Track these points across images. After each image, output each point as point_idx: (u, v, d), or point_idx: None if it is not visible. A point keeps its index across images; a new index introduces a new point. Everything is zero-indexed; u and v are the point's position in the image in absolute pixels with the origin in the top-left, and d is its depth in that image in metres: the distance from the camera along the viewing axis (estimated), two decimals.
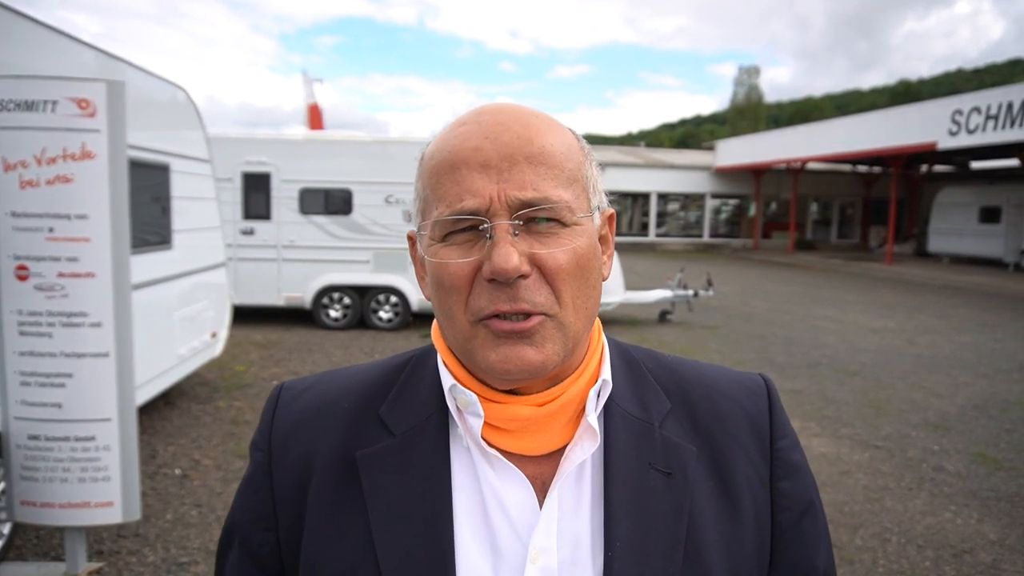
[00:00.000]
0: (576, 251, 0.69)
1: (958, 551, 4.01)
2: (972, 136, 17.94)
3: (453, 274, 0.69)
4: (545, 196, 0.68)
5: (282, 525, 0.79)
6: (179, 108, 6.06)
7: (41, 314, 3.09)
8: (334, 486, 0.76)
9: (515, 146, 0.68)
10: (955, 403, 7.04)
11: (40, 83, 3.05)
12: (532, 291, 0.67)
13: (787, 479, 0.80)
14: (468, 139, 0.69)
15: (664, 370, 0.84)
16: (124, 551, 3.79)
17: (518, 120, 0.70)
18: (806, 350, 9.48)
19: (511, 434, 0.74)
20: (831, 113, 58.62)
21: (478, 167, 0.68)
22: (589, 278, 0.71)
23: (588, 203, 0.73)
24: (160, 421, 5.91)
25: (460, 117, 0.74)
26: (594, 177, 0.76)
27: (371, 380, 0.83)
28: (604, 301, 10.61)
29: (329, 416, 0.80)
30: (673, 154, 37.95)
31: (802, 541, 0.80)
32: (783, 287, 17.04)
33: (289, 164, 10.05)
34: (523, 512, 0.72)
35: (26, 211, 3.05)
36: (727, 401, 0.82)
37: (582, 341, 0.74)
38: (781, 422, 0.83)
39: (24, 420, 3.16)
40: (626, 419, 0.77)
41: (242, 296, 10.00)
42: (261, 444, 0.82)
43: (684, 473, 0.75)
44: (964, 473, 5.18)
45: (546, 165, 0.69)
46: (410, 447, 0.76)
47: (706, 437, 0.79)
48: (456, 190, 0.68)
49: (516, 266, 0.65)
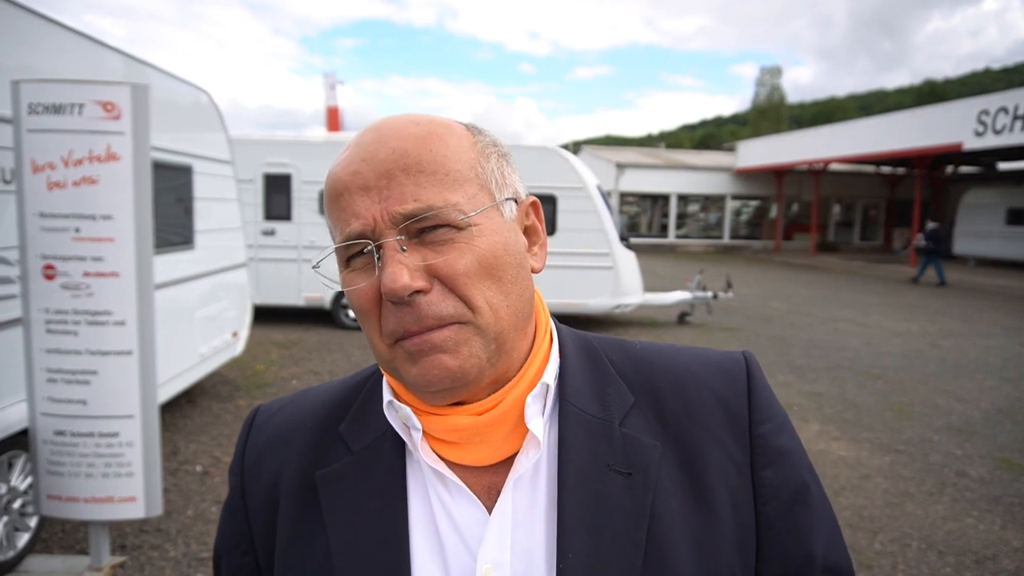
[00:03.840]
0: (477, 252, 0.67)
1: (980, 558, 3.95)
2: (999, 137, 17.63)
3: (359, 299, 0.68)
4: (427, 204, 0.66)
5: (259, 549, 0.80)
6: (202, 110, 6.14)
7: (67, 312, 3.16)
8: (298, 507, 0.76)
9: (390, 161, 0.67)
10: (979, 407, 6.92)
11: (67, 86, 3.11)
12: (436, 304, 0.65)
13: (770, 467, 0.74)
14: (348, 164, 0.69)
15: (630, 361, 0.79)
16: (146, 546, 3.86)
17: (395, 134, 0.68)
18: (827, 353, 9.38)
19: (457, 446, 0.72)
20: (854, 114, 57.91)
21: (359, 190, 0.67)
22: (503, 276, 0.68)
23: (490, 199, 0.70)
24: (182, 419, 5.99)
25: (351, 139, 0.73)
26: (496, 171, 0.72)
27: (335, 398, 0.82)
28: (623, 303, 10.63)
29: (295, 437, 0.80)
30: (693, 155, 37.72)
31: (794, 529, 0.74)
32: (804, 289, 16.86)
33: (309, 165, 10.15)
34: (472, 525, 0.71)
35: (53, 212, 3.11)
36: (698, 388, 0.76)
37: (514, 341, 0.71)
38: (762, 404, 0.76)
39: (50, 416, 3.23)
40: (582, 419, 0.73)
41: (263, 296, 10.10)
42: (235, 468, 0.83)
43: (646, 472, 0.71)
44: (987, 478, 5.10)
45: (426, 172, 0.67)
46: (367, 464, 0.75)
47: (675, 430, 0.74)
48: (343, 216, 0.68)
49: (406, 284, 0.64)
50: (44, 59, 3.86)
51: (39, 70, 3.68)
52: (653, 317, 12.06)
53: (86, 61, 4.30)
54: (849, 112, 62.19)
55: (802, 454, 0.78)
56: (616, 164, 29.69)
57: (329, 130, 17.28)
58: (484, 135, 0.75)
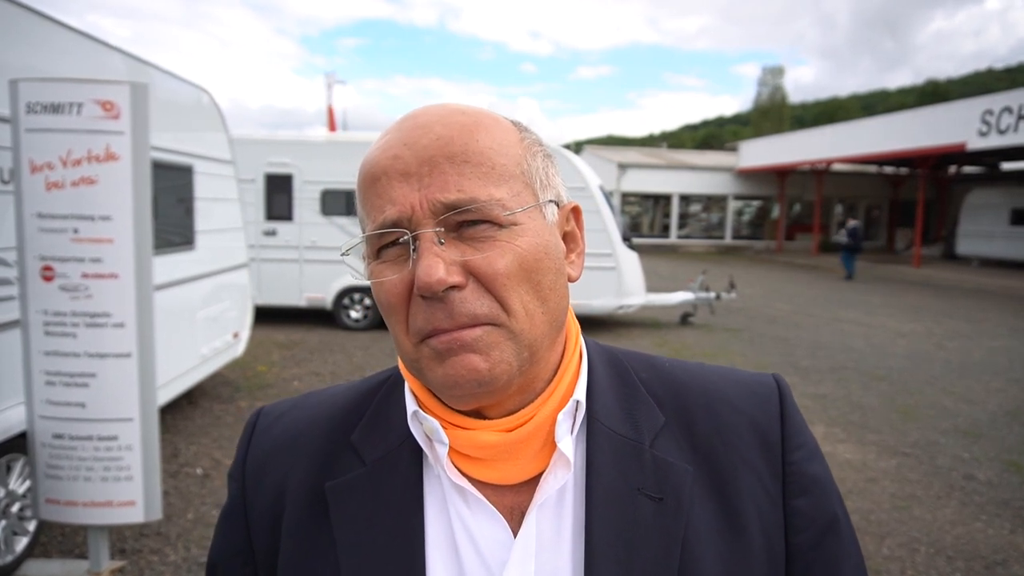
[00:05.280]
0: (518, 253, 0.63)
1: (990, 562, 3.90)
2: (1003, 137, 17.56)
3: (388, 292, 0.65)
4: (472, 196, 0.62)
5: (260, 560, 0.75)
6: (203, 110, 6.12)
7: (65, 314, 3.12)
8: (305, 520, 0.72)
9: (435, 148, 0.63)
10: (986, 409, 6.87)
11: (66, 86, 3.08)
12: (470, 303, 0.62)
13: (803, 496, 0.71)
14: (388, 148, 0.65)
15: (660, 379, 0.76)
16: (146, 550, 3.82)
17: (440, 120, 0.65)
18: (832, 354, 9.33)
19: (482, 462, 0.68)
20: (857, 114, 57.82)
21: (398, 176, 0.63)
22: (542, 281, 0.65)
23: (534, 199, 0.66)
24: (183, 420, 5.96)
25: (389, 126, 0.70)
26: (541, 170, 0.69)
27: (345, 404, 0.78)
28: (626, 304, 10.59)
29: (302, 443, 0.76)
30: (695, 155, 37.67)
31: (825, 562, 0.71)
32: (807, 289, 16.81)
33: (311, 165, 10.12)
34: (495, 548, 0.67)
35: (51, 212, 3.08)
36: (730, 410, 0.73)
37: (545, 351, 0.67)
38: (795, 431, 0.74)
39: (49, 419, 3.19)
40: (611, 439, 0.70)
41: (264, 297, 10.08)
42: (236, 475, 0.78)
43: (678, 497, 0.68)
44: (996, 482, 5.05)
45: (471, 163, 0.63)
46: (381, 477, 0.71)
47: (706, 454, 0.71)
48: (379, 203, 0.64)
49: (441, 278, 0.60)
50: (46, 59, 3.83)
51: (41, 70, 3.65)
52: (656, 318, 12.02)
53: (88, 61, 4.27)
54: (851, 112, 62.10)
55: (832, 483, 0.75)
56: (618, 164, 29.66)
57: (330, 130, 17.29)
58: (530, 132, 0.72)
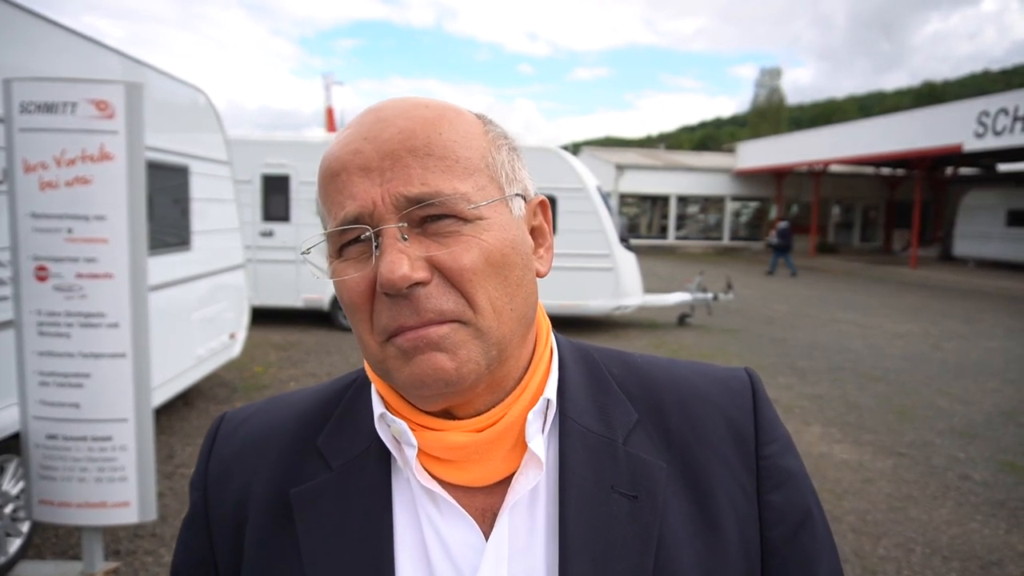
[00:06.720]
0: (484, 247, 0.61)
1: (985, 563, 3.91)
2: (999, 138, 17.61)
3: (351, 291, 0.63)
4: (436, 190, 0.60)
5: (223, 570, 0.73)
6: (199, 111, 6.11)
7: (59, 315, 3.11)
8: (269, 528, 0.70)
9: (397, 141, 0.61)
10: (982, 410, 6.88)
11: (60, 85, 3.07)
12: (435, 299, 0.60)
13: (777, 490, 0.71)
14: (349, 143, 0.63)
15: (632, 375, 0.75)
16: (140, 551, 3.81)
17: (402, 114, 0.63)
18: (829, 354, 9.34)
19: (452, 464, 0.66)
20: (854, 115, 57.90)
21: (358, 171, 0.62)
22: (509, 276, 0.63)
23: (499, 193, 0.65)
24: (179, 421, 5.94)
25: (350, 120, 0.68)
26: (507, 163, 0.67)
27: (311, 407, 0.76)
28: (623, 304, 10.59)
29: (266, 449, 0.74)
30: (693, 156, 37.71)
31: (800, 556, 0.70)
32: (804, 290, 16.82)
33: (308, 166, 10.11)
34: (466, 552, 0.65)
35: (45, 212, 3.07)
36: (704, 405, 0.72)
37: (514, 348, 0.66)
38: (768, 424, 0.73)
39: (42, 420, 3.18)
40: (584, 437, 0.68)
41: (261, 297, 10.06)
42: (197, 483, 0.76)
43: (652, 494, 0.67)
44: (991, 482, 5.05)
45: (435, 156, 0.61)
46: (348, 482, 0.69)
47: (680, 449, 0.70)
48: (339, 199, 0.63)
49: (405, 274, 0.58)
50: (41, 59, 3.82)
51: (36, 70, 3.65)
52: (653, 319, 12.02)
53: (83, 62, 4.27)
54: (848, 113, 62.21)
55: (805, 476, 0.75)
56: (616, 165, 29.68)
57: (329, 130, 17.31)
58: (495, 125, 0.70)
